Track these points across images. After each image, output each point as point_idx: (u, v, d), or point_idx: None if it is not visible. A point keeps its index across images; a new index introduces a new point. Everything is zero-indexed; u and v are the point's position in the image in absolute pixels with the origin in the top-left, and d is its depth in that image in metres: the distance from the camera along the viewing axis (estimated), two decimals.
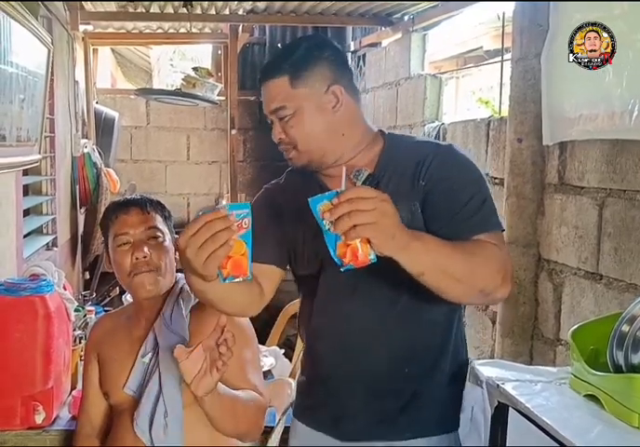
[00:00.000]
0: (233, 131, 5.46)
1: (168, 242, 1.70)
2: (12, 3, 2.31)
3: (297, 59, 1.43)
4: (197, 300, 1.70)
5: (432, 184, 1.41)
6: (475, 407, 1.46)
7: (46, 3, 3.43)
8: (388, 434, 1.50)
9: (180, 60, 11.38)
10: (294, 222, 1.51)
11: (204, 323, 1.65)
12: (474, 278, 1.29)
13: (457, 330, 1.54)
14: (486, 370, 1.48)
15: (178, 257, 1.68)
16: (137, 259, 1.64)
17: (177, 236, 1.68)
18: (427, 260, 1.21)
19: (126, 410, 1.71)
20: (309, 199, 1.13)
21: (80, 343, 2.59)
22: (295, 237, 1.54)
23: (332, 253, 1.13)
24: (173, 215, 1.84)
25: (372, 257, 1.12)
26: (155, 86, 8.24)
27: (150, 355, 1.69)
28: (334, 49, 1.48)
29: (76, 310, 2.55)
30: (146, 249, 1.65)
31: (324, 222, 1.11)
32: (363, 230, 1.09)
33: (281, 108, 1.42)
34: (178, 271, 1.77)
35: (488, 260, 1.31)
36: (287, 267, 1.59)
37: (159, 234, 1.69)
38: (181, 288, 1.74)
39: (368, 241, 1.11)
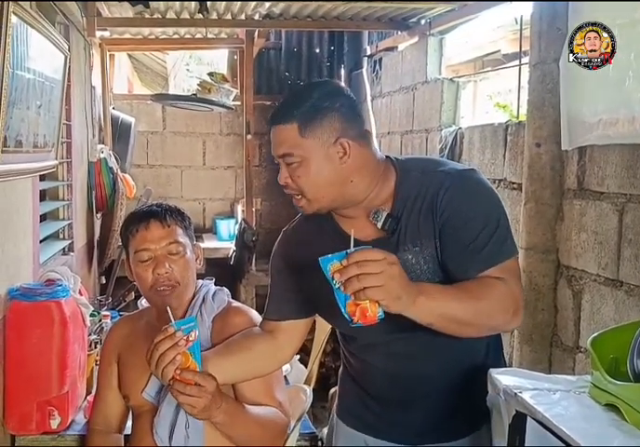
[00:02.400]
0: (249, 136, 5.47)
1: (189, 254, 1.70)
2: (30, 10, 2.32)
3: (308, 108, 1.42)
4: (219, 309, 1.72)
5: (445, 218, 1.42)
6: (502, 410, 1.44)
7: (63, 10, 3.45)
8: (437, 435, 1.56)
9: (196, 65, 11.45)
10: (311, 271, 1.52)
11: (226, 333, 1.66)
12: (483, 321, 1.36)
13: (495, 338, 1.60)
14: (503, 378, 1.46)
15: (199, 265, 1.70)
16: (158, 274, 1.65)
17: (196, 243, 1.71)
18: (434, 312, 1.27)
19: (145, 413, 1.71)
20: (319, 259, 1.21)
21: (95, 348, 2.60)
22: (315, 285, 1.53)
23: (342, 310, 1.20)
24: None
25: (380, 315, 1.20)
26: (171, 91, 8.29)
27: None
28: (346, 98, 1.47)
29: (92, 315, 2.56)
30: (167, 265, 1.65)
31: (334, 281, 1.19)
32: (371, 292, 1.15)
33: (288, 155, 1.42)
34: (199, 278, 1.77)
35: (497, 301, 1.35)
36: (310, 316, 1.63)
37: (180, 248, 1.68)
38: (204, 297, 1.74)
39: (377, 301, 1.18)
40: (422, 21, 4.47)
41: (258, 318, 1.73)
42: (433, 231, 1.42)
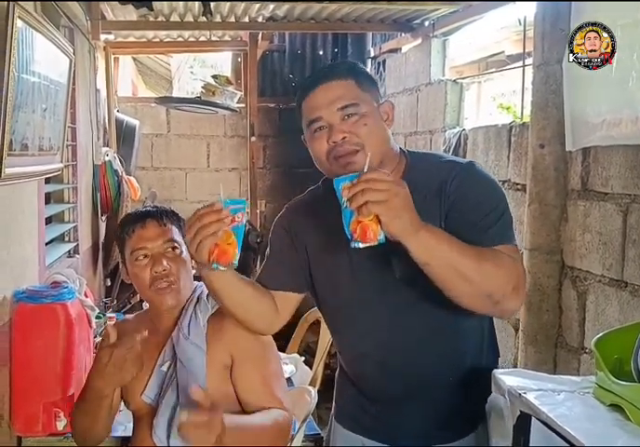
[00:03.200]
0: (253, 138, 5.47)
1: (185, 253, 1.69)
2: (34, 14, 2.33)
3: (359, 69, 1.49)
4: (214, 309, 1.71)
5: (452, 202, 1.43)
6: (505, 410, 1.44)
7: (67, 13, 3.47)
8: (434, 437, 1.56)
9: (200, 68, 11.47)
10: (314, 244, 1.55)
11: (221, 332, 1.66)
12: (482, 280, 1.30)
13: (488, 333, 1.60)
14: (508, 379, 1.46)
15: (195, 266, 1.70)
16: (156, 272, 1.64)
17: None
18: (435, 250, 1.25)
19: (145, 416, 1.71)
20: (334, 179, 1.24)
21: None
22: (322, 262, 1.56)
23: (345, 228, 1.23)
24: None
25: (381, 237, 1.21)
26: (176, 93, 8.30)
27: (168, 363, 1.69)
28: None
29: (97, 317, 2.57)
30: (165, 262, 1.64)
31: (343, 199, 1.21)
32: (373, 206, 1.17)
33: (353, 105, 1.42)
34: (195, 279, 1.77)
35: (500, 266, 1.33)
36: (304, 292, 1.61)
37: (176, 245, 1.68)
38: (198, 297, 1.74)
39: (380, 222, 1.19)
40: (426, 23, 4.47)
41: None
42: (438, 215, 1.43)
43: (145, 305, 2.77)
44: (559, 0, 2.52)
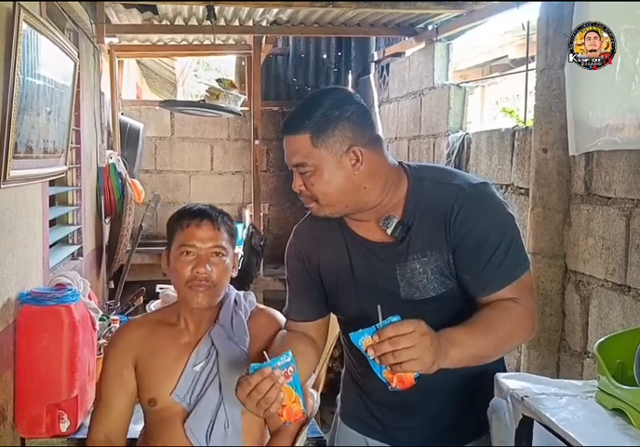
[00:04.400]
0: (257, 141, 5.49)
1: (229, 261, 1.70)
2: (40, 17, 2.35)
3: (319, 118, 1.42)
4: (251, 312, 1.77)
5: (460, 236, 1.43)
6: (507, 414, 1.44)
7: (72, 17, 3.48)
8: (438, 439, 1.57)
9: (204, 71, 11.51)
10: (325, 268, 1.58)
11: (257, 334, 1.70)
12: (507, 348, 1.46)
13: None
14: (510, 383, 1.46)
15: (234, 273, 1.73)
16: (197, 273, 1.65)
17: (237, 252, 1.76)
18: (465, 359, 1.33)
19: (173, 416, 1.70)
20: (350, 335, 1.25)
21: None
22: (329, 281, 1.59)
23: (379, 376, 1.25)
24: None
25: (416, 376, 1.24)
26: (180, 96, 8.33)
27: (202, 364, 1.70)
28: (357, 105, 1.46)
29: (101, 319, 2.58)
30: (208, 266, 1.65)
31: (367, 354, 1.22)
32: (407, 366, 1.20)
33: (302, 164, 1.43)
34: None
35: (516, 326, 1.42)
36: (329, 312, 1.65)
37: (223, 252, 1.69)
38: (235, 299, 1.77)
39: None
40: (430, 27, 4.48)
41: (282, 318, 1.74)
42: (444, 244, 1.44)
43: (150, 308, 2.77)
44: (562, 0, 2.53)
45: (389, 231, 1.46)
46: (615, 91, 2.22)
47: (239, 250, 1.85)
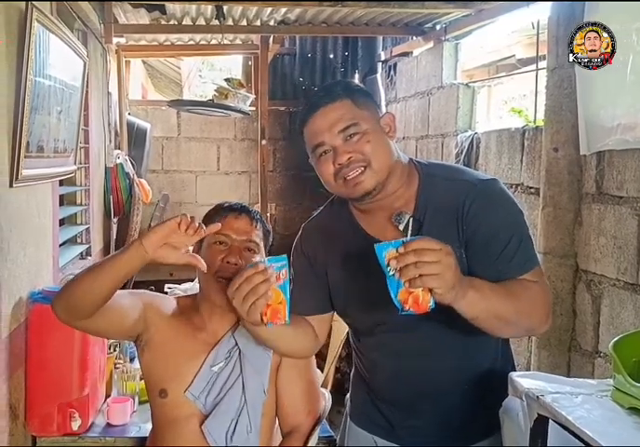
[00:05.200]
0: (264, 141, 5.49)
1: (258, 259, 1.70)
2: (50, 17, 2.35)
3: (354, 87, 1.50)
4: None
5: (472, 231, 1.44)
6: (520, 412, 1.44)
7: (81, 16, 3.49)
8: (448, 440, 1.56)
9: (208, 71, 11.51)
10: (333, 266, 1.58)
11: None
12: (523, 320, 1.40)
13: (503, 341, 1.61)
14: (525, 381, 1.46)
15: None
16: (228, 262, 1.66)
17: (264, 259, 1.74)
18: (481, 306, 1.29)
19: (186, 417, 1.70)
20: (375, 245, 1.22)
21: (115, 350, 2.62)
22: (336, 279, 1.58)
23: (393, 297, 1.21)
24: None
25: (431, 304, 1.21)
26: (186, 96, 8.33)
27: (221, 365, 1.70)
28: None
29: None
30: (239, 257, 1.67)
31: (388, 268, 1.20)
32: (428, 280, 1.17)
33: (353, 125, 1.43)
34: None
35: (535, 301, 1.39)
36: (333, 310, 1.65)
37: (255, 249, 1.71)
38: None
39: (430, 290, 1.19)
40: (438, 27, 4.48)
41: None
42: (456, 240, 1.43)
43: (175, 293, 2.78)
44: (573, 0, 2.52)
45: (401, 227, 1.46)
46: (627, 90, 2.21)
47: None
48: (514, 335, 1.49)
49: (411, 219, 1.46)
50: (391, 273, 1.20)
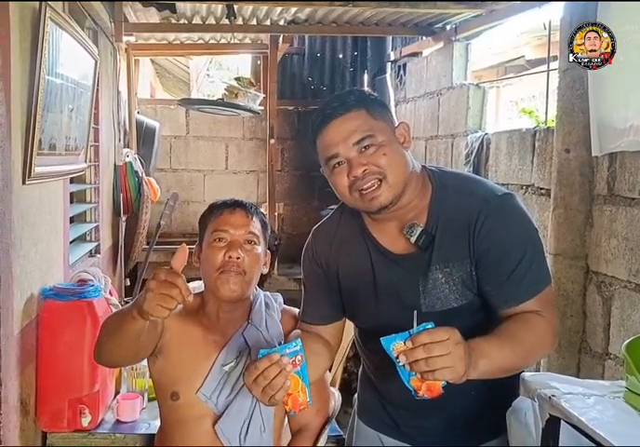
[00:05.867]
0: (272, 141, 5.49)
1: (261, 251, 1.71)
2: (63, 15, 2.36)
3: (367, 96, 1.46)
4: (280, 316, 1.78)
5: (482, 250, 1.42)
6: (528, 413, 1.44)
7: (92, 15, 3.50)
8: (455, 440, 1.57)
9: (216, 71, 11.51)
10: (343, 274, 1.57)
11: (287, 335, 1.70)
12: (531, 360, 1.47)
13: None
14: (537, 382, 1.45)
15: (265, 270, 1.73)
16: (229, 258, 1.64)
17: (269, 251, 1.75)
18: (493, 369, 1.31)
19: (198, 417, 1.69)
20: (381, 339, 1.21)
21: None
22: (348, 288, 1.58)
23: (406, 384, 1.22)
24: None
25: (444, 385, 1.22)
26: (194, 95, 8.34)
27: (232, 364, 1.69)
28: None
29: None
30: (240, 251, 1.65)
31: (398, 360, 1.19)
32: (440, 374, 1.17)
33: (368, 137, 1.40)
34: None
35: (541, 339, 1.41)
36: (343, 317, 1.64)
37: (255, 240, 1.70)
38: (266, 302, 1.77)
39: None
40: (448, 27, 4.48)
41: None
42: (467, 256, 1.43)
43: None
44: (584, 0, 2.52)
45: (412, 239, 1.44)
46: (638, 92, 2.20)
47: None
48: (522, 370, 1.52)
49: (422, 230, 1.44)
50: (400, 364, 1.20)
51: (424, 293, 1.45)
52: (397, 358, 1.19)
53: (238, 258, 1.64)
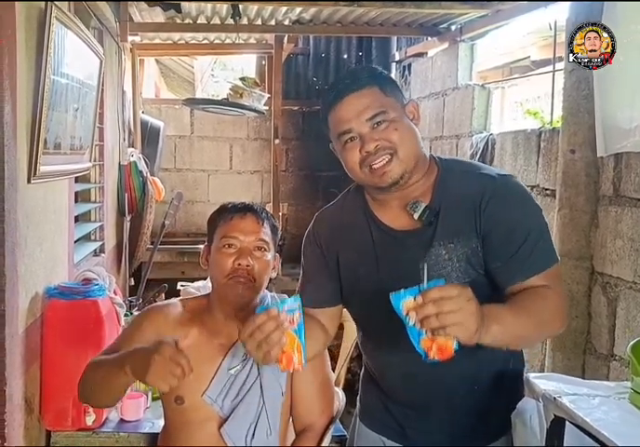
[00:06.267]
0: (277, 141, 5.49)
1: (270, 258, 1.70)
2: (69, 14, 2.36)
3: (379, 73, 1.48)
4: None
5: (489, 226, 1.42)
6: (532, 415, 1.43)
7: (98, 14, 3.50)
8: (458, 442, 1.55)
9: (220, 71, 11.50)
10: (345, 257, 1.56)
11: None
12: (544, 332, 1.45)
13: None
14: (541, 383, 1.46)
15: (274, 274, 1.72)
16: (239, 265, 1.63)
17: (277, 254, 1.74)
18: (505, 336, 1.29)
19: (203, 420, 1.69)
20: (390, 295, 1.18)
21: None
22: (348, 270, 1.57)
23: (416, 346, 1.19)
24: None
25: (455, 347, 1.18)
26: (199, 95, 8.35)
27: (238, 367, 1.69)
28: None
29: (125, 315, 2.59)
30: (250, 258, 1.64)
31: (407, 317, 1.17)
32: (451, 330, 1.14)
33: (381, 113, 1.42)
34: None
35: (553, 311, 1.38)
36: (340, 303, 1.63)
37: (265, 247, 1.68)
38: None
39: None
40: (453, 27, 4.47)
41: None
42: (473, 232, 1.43)
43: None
44: (590, 0, 2.51)
45: (416, 215, 1.45)
46: None
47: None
48: (533, 346, 1.49)
49: (426, 207, 1.45)
50: (411, 323, 1.17)
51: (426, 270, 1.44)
52: (407, 315, 1.17)
53: (248, 265, 1.63)
